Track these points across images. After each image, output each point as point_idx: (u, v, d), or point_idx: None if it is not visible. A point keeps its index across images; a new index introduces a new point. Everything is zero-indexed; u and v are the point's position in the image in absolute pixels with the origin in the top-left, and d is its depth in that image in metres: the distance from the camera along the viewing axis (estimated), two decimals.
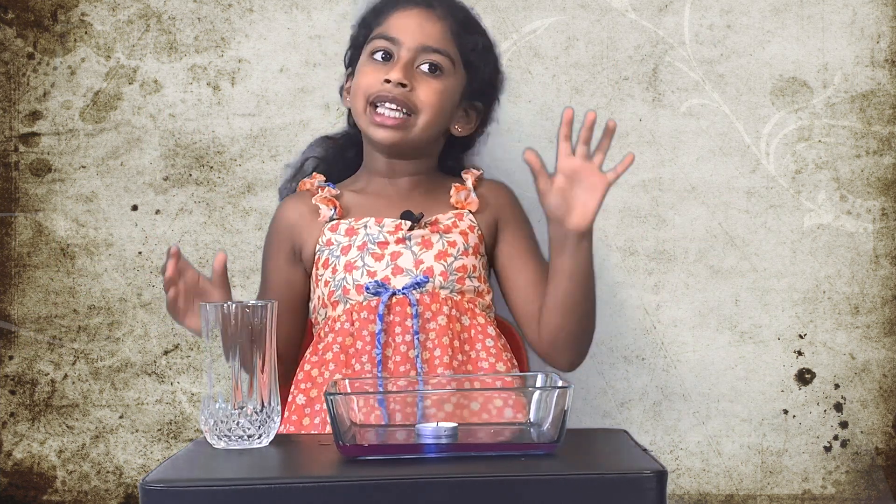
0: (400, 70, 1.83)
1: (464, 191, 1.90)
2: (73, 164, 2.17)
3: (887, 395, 2.16)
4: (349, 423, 1.41)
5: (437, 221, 1.86)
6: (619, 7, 2.16)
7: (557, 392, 1.40)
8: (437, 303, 1.81)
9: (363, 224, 1.85)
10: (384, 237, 1.83)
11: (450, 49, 1.87)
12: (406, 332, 1.79)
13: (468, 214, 1.88)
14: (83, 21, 2.17)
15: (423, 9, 1.87)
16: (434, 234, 1.84)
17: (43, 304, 2.17)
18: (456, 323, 1.81)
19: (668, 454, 2.17)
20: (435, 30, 1.86)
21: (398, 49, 1.85)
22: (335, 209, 1.88)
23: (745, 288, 2.16)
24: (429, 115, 1.85)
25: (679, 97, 2.16)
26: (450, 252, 1.83)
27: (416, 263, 1.82)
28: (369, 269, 1.82)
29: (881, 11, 2.14)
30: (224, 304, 1.48)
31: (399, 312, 1.80)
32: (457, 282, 1.82)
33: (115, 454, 2.18)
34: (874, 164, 2.15)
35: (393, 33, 1.86)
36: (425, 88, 1.84)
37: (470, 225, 1.87)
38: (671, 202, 2.16)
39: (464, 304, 1.83)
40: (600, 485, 1.30)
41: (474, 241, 1.86)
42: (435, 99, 1.85)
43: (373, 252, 1.82)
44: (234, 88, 2.16)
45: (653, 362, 2.17)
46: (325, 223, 1.87)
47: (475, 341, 1.82)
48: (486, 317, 1.85)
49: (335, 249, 1.84)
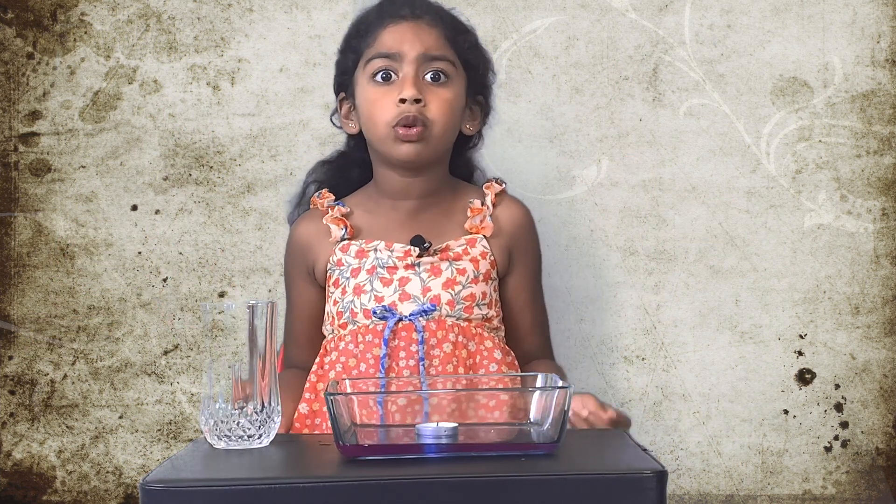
0: (412, 86, 1.80)
1: (478, 215, 1.86)
2: (73, 163, 2.17)
3: (888, 395, 2.16)
4: (349, 423, 1.41)
5: (447, 248, 1.83)
6: (619, 7, 2.16)
7: (557, 392, 1.40)
8: (444, 330, 1.79)
9: (373, 247, 1.83)
10: (393, 262, 1.82)
11: (448, 53, 1.85)
12: (410, 357, 1.78)
13: (482, 240, 1.85)
14: (83, 21, 2.17)
15: (411, 21, 1.85)
16: (444, 262, 1.82)
17: (42, 305, 2.17)
18: (462, 349, 1.79)
19: (669, 454, 2.17)
20: (430, 38, 1.84)
21: (399, 64, 1.82)
22: (346, 229, 1.86)
23: (746, 288, 2.16)
24: (442, 126, 1.82)
25: (679, 97, 2.15)
26: (458, 280, 1.81)
27: (424, 291, 1.80)
28: (377, 294, 1.80)
29: (882, 11, 2.14)
30: (225, 305, 1.48)
31: (404, 338, 1.79)
32: (464, 310, 1.81)
33: (115, 454, 2.18)
34: (874, 164, 2.15)
35: (390, 49, 1.82)
36: (435, 99, 1.81)
37: (482, 251, 1.84)
38: (671, 202, 2.16)
39: (471, 329, 1.81)
40: (600, 485, 1.30)
41: (485, 268, 1.84)
42: (446, 108, 1.82)
43: (381, 277, 1.81)
44: (234, 88, 2.16)
45: (653, 362, 2.17)
46: (337, 243, 1.86)
47: (479, 367, 1.81)
48: (493, 339, 1.83)
49: (345, 271, 1.83)
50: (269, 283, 2.17)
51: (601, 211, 2.17)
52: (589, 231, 2.16)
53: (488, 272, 1.84)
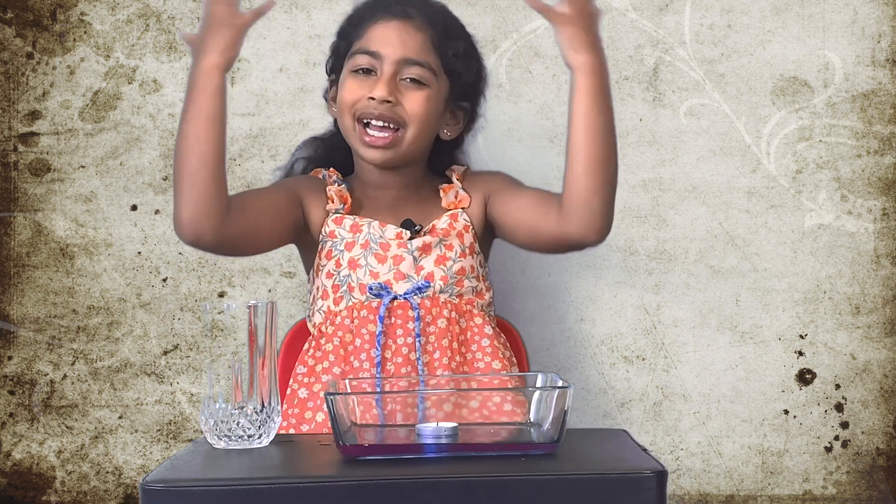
0: (384, 86, 1.82)
1: (452, 190, 1.90)
2: (73, 163, 2.17)
3: (888, 395, 2.16)
4: (349, 422, 1.41)
5: (433, 228, 1.86)
6: (619, 6, 2.15)
7: (557, 392, 1.40)
8: (438, 307, 1.82)
9: (367, 222, 1.85)
10: (386, 240, 1.84)
11: (430, 59, 1.86)
12: (407, 334, 1.80)
13: (462, 214, 1.88)
14: (82, 20, 2.16)
15: (401, 20, 1.86)
16: (434, 239, 1.85)
17: (42, 305, 2.17)
18: (455, 325, 1.83)
19: (669, 454, 2.16)
20: (415, 42, 1.85)
21: (380, 63, 1.84)
22: (344, 205, 1.87)
23: (746, 288, 2.16)
24: (416, 128, 1.85)
25: (679, 97, 2.15)
26: (448, 256, 1.84)
27: (418, 269, 1.83)
28: (372, 270, 1.82)
29: (882, 11, 2.14)
30: (225, 305, 1.48)
31: (400, 315, 1.81)
32: (455, 284, 1.83)
33: (115, 455, 2.18)
34: (875, 164, 2.15)
35: (374, 47, 1.84)
36: (410, 100, 1.84)
37: (465, 225, 1.87)
38: (672, 202, 2.16)
39: (462, 305, 1.84)
40: (600, 485, 1.30)
41: (469, 241, 1.87)
42: (421, 110, 1.84)
43: (375, 252, 1.83)
44: (234, 88, 2.16)
45: (653, 362, 2.17)
46: (331, 214, 1.87)
47: (471, 342, 1.83)
48: (484, 316, 1.85)
49: (339, 243, 1.85)
50: (269, 283, 2.17)
51: None
52: None
53: (472, 245, 1.87)
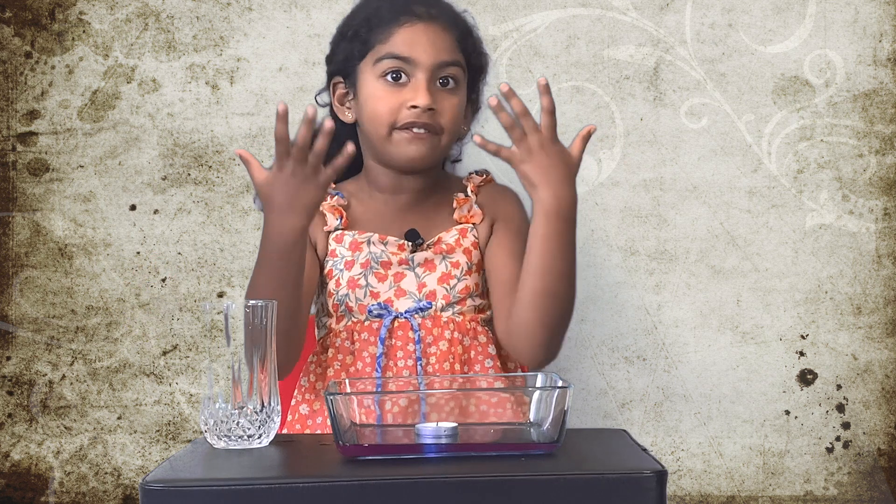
0: (426, 94, 1.76)
1: (466, 204, 1.85)
2: (71, 163, 2.17)
3: (889, 395, 2.16)
4: (349, 423, 1.41)
5: (439, 241, 1.82)
6: (619, 6, 2.15)
7: (557, 392, 1.40)
8: (439, 327, 1.79)
9: (367, 239, 1.82)
10: (387, 256, 1.81)
11: (460, 58, 1.82)
12: (408, 356, 1.78)
13: (472, 230, 1.84)
14: (81, 20, 2.16)
15: (427, 22, 1.80)
16: (437, 256, 1.82)
17: (41, 305, 2.17)
18: (458, 345, 1.79)
19: (670, 455, 2.16)
20: (446, 43, 1.80)
21: (413, 69, 1.78)
22: (341, 219, 1.84)
23: (747, 288, 2.16)
24: (451, 134, 1.81)
25: (680, 96, 2.15)
26: (453, 274, 1.81)
27: (419, 287, 1.80)
28: (372, 290, 1.80)
29: (883, 10, 2.14)
30: (225, 305, 1.47)
31: (401, 336, 1.78)
32: (458, 303, 1.81)
33: (114, 455, 2.17)
34: (876, 164, 2.15)
35: (405, 52, 1.78)
36: (447, 107, 1.79)
37: (474, 241, 1.83)
38: (672, 202, 2.16)
39: (465, 324, 1.81)
40: (600, 485, 1.29)
41: (477, 258, 1.83)
42: (456, 114, 1.80)
43: (376, 272, 1.80)
44: (233, 87, 2.16)
45: (654, 363, 2.17)
46: (330, 233, 1.84)
47: (475, 363, 1.80)
48: (487, 334, 1.82)
49: (339, 262, 1.82)
50: None
51: (602, 211, 2.16)
52: (590, 231, 2.16)
53: (479, 263, 1.83)
